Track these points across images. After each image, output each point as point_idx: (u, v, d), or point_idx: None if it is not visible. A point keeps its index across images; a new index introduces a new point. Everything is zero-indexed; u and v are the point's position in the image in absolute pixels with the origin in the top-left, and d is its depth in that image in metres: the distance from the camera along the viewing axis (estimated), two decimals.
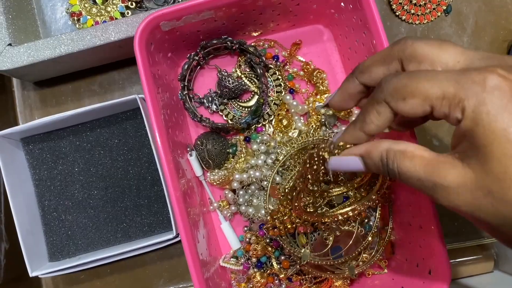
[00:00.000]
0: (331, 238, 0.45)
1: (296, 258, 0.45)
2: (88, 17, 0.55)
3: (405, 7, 0.56)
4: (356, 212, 0.42)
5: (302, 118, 0.52)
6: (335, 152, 0.33)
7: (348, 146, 0.33)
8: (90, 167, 0.54)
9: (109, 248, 0.52)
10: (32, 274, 0.48)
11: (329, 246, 0.45)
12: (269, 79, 0.53)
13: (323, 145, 0.35)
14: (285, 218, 0.43)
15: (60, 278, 0.55)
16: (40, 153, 0.54)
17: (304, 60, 0.54)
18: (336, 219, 0.43)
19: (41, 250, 0.52)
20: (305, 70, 0.53)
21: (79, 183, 0.54)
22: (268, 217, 0.45)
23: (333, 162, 0.34)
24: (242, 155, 0.50)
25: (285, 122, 0.51)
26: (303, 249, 0.45)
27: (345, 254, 0.45)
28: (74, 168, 0.54)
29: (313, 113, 0.51)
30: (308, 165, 0.37)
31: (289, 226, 0.44)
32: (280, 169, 0.48)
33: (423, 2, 0.55)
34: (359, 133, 0.31)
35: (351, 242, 0.45)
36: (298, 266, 0.47)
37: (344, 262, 0.45)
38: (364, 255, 0.46)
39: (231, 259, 0.50)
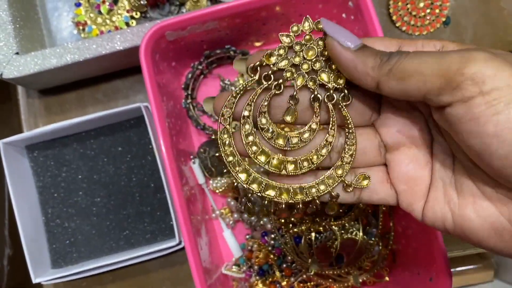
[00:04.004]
0: (335, 247, 0.45)
1: (300, 266, 0.46)
2: (93, 26, 0.56)
3: (405, 18, 0.57)
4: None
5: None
6: None
7: None
8: (94, 174, 0.54)
9: (112, 256, 0.53)
10: (35, 280, 0.48)
11: (334, 255, 0.45)
12: None
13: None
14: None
15: (62, 285, 0.55)
16: (44, 161, 0.54)
17: None
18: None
19: (44, 257, 0.52)
20: None
21: (82, 190, 0.54)
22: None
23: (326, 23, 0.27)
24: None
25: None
26: (310, 259, 0.45)
27: (347, 262, 0.46)
28: (78, 176, 0.54)
29: None
30: None
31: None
32: None
33: (423, 13, 0.56)
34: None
35: (355, 250, 0.45)
36: (304, 276, 0.47)
37: (348, 271, 0.45)
38: (365, 263, 0.47)
39: (233, 267, 0.51)
